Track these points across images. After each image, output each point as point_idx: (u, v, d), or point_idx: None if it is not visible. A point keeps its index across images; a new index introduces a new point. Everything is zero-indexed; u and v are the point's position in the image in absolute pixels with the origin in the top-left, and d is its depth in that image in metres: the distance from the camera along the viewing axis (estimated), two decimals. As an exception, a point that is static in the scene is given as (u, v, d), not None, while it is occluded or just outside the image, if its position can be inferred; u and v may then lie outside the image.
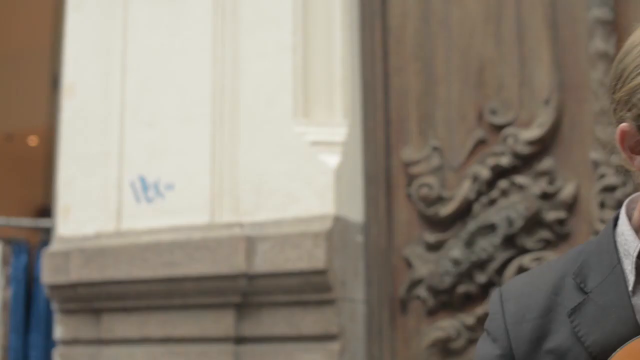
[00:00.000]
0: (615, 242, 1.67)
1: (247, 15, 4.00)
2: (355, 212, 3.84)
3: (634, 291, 1.62)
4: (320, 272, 3.64)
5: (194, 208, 3.94)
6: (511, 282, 1.83)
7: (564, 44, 3.64)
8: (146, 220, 4.04)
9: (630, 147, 1.60)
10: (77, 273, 4.09)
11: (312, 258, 3.64)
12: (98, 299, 4.08)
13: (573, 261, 1.72)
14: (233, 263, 3.76)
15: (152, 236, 3.97)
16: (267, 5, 3.97)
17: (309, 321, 3.70)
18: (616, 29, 3.51)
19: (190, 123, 4.01)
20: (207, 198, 3.93)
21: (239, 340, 3.80)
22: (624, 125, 1.59)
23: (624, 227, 1.67)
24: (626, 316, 1.59)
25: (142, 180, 4.06)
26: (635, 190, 1.74)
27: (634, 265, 1.62)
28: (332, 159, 3.77)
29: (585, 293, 1.65)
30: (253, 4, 3.99)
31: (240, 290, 3.76)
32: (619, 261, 1.64)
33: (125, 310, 4.03)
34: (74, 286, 4.11)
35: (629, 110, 1.57)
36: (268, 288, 3.75)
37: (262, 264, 3.74)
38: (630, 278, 1.62)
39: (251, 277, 3.75)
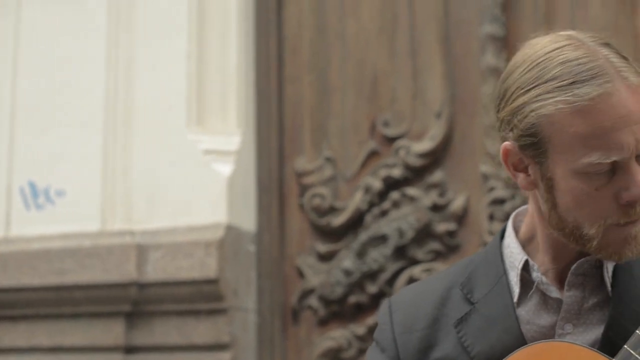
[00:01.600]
0: (501, 254, 1.70)
1: (142, 22, 3.96)
2: (248, 222, 3.84)
3: (519, 302, 1.65)
4: (212, 281, 3.62)
5: (85, 215, 3.89)
6: (400, 293, 1.85)
7: (456, 58, 3.68)
8: (36, 227, 3.96)
9: (514, 165, 1.64)
10: (-37, 280, 4.00)
11: (204, 267, 3.62)
12: (-15, 307, 4.01)
13: (461, 272, 1.74)
14: (124, 271, 3.71)
15: (41, 243, 3.90)
16: (162, 12, 3.94)
17: (201, 330, 3.68)
18: (507, 45, 3.56)
19: (82, 129, 3.95)
20: (99, 205, 3.87)
21: (130, 349, 3.76)
22: (507, 144, 1.62)
23: (510, 239, 1.70)
24: (511, 327, 1.62)
25: (32, 186, 4.00)
26: (523, 204, 1.78)
27: (519, 277, 1.65)
28: (225, 168, 3.76)
29: (472, 304, 1.67)
30: (148, 10, 3.95)
31: (131, 299, 3.73)
32: (504, 273, 1.67)
33: (13, 319, 3.95)
34: (-40, 294, 4.03)
35: (511, 130, 1.60)
36: (159, 297, 3.72)
37: (154, 272, 3.70)
38: (516, 290, 1.65)
39: (142, 286, 3.71)
